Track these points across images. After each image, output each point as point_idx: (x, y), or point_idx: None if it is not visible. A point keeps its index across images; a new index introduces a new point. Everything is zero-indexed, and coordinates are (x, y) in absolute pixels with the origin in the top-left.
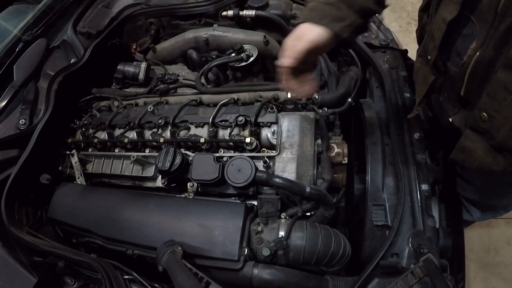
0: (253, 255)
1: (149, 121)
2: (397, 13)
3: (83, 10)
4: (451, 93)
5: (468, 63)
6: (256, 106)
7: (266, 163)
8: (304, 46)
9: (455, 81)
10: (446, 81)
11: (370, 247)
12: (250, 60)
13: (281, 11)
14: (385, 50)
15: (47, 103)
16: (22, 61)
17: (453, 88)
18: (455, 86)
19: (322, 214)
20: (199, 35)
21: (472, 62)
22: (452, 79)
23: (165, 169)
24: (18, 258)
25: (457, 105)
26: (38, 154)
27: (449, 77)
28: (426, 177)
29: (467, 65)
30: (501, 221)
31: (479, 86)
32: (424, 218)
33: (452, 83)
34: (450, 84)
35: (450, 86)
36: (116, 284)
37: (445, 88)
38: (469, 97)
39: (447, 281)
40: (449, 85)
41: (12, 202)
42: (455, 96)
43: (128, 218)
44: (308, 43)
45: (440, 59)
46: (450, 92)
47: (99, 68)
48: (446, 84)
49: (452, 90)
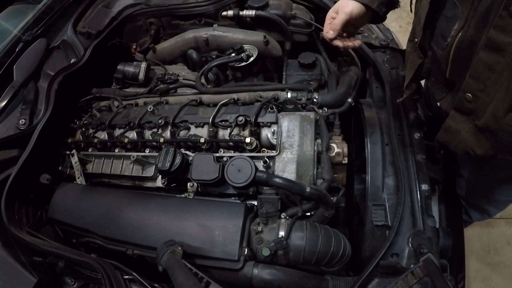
0: (253, 255)
1: (149, 121)
2: (397, 13)
3: (83, 10)
4: (438, 77)
5: (452, 44)
6: (256, 106)
7: (266, 163)
8: (342, 18)
9: (441, 64)
10: (433, 65)
11: (370, 247)
12: (250, 60)
13: (281, 11)
14: (385, 50)
15: (47, 103)
16: (22, 61)
17: (439, 71)
18: (441, 69)
19: (322, 214)
20: (199, 35)
21: (454, 43)
22: (438, 62)
23: (165, 169)
24: (18, 258)
25: (444, 89)
26: (38, 154)
27: (435, 61)
28: (426, 177)
29: (450, 46)
30: (501, 221)
31: (463, 68)
32: (424, 218)
33: (439, 67)
34: (437, 68)
35: (437, 69)
36: (116, 284)
37: (433, 73)
38: (454, 79)
39: (447, 281)
40: (435, 69)
41: (12, 202)
42: (441, 79)
43: (128, 218)
44: (344, 15)
45: (426, 41)
46: (437, 76)
47: (99, 68)
48: (433, 68)
49: (439, 73)
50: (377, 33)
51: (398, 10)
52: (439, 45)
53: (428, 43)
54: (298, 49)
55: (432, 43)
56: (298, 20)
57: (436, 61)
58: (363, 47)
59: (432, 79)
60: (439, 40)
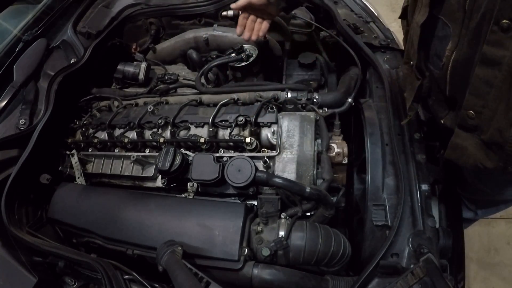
0: (253, 255)
1: (149, 121)
2: (397, 13)
3: (83, 10)
4: (438, 96)
5: (447, 63)
6: (256, 106)
7: (266, 163)
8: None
9: (440, 83)
10: (432, 85)
11: (370, 247)
12: (250, 60)
13: None
14: (385, 50)
15: (47, 103)
16: (22, 61)
17: (439, 90)
18: (440, 88)
19: (322, 214)
20: (199, 35)
21: (450, 63)
22: (436, 81)
23: (165, 169)
24: (18, 258)
25: (446, 106)
26: (38, 154)
27: (434, 80)
28: (426, 177)
29: (446, 66)
30: (501, 221)
31: (462, 85)
32: (424, 218)
33: (438, 86)
34: (436, 87)
35: (436, 88)
36: (116, 284)
37: (433, 92)
38: (455, 97)
39: (447, 281)
40: (435, 88)
41: (12, 202)
42: (442, 98)
43: (128, 218)
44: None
45: (422, 62)
46: (438, 95)
47: (99, 68)
48: (433, 87)
49: (439, 92)
50: (377, 33)
51: (398, 10)
52: (436, 65)
53: (424, 64)
54: (298, 49)
55: (428, 64)
56: (298, 20)
57: (435, 80)
58: (363, 47)
59: (433, 98)
60: (435, 60)
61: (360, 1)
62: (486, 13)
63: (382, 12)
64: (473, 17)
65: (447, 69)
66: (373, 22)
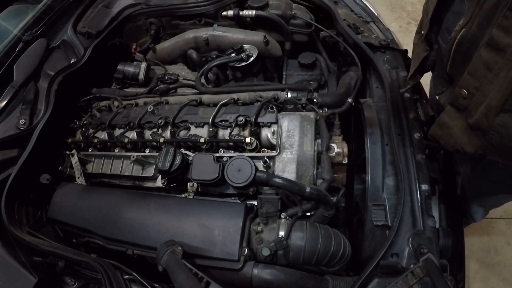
0: (253, 255)
1: (149, 121)
2: (397, 13)
3: (83, 10)
4: (440, 71)
5: (454, 39)
6: (256, 106)
7: (266, 163)
8: None
9: (443, 57)
10: (437, 59)
11: (370, 247)
12: (250, 60)
13: (281, 11)
14: (385, 50)
15: (47, 103)
16: (22, 61)
17: (442, 65)
18: (443, 63)
19: (322, 214)
20: (199, 35)
21: (457, 38)
22: (441, 55)
23: (165, 169)
24: (18, 258)
25: (445, 83)
26: (38, 154)
27: (439, 54)
28: (426, 177)
29: (452, 41)
30: (501, 221)
31: (462, 63)
32: (424, 218)
33: (442, 61)
34: (440, 61)
35: (440, 63)
36: (116, 284)
37: (436, 66)
38: (453, 74)
39: (447, 281)
40: (439, 62)
41: (12, 202)
42: (443, 73)
43: (128, 218)
44: None
45: (433, 34)
46: (440, 70)
47: (99, 68)
48: (438, 62)
49: (441, 67)
50: (377, 33)
51: (398, 10)
52: (444, 39)
53: (434, 37)
54: (298, 49)
55: (438, 36)
56: (298, 20)
57: (440, 54)
58: (363, 47)
59: (435, 73)
60: (445, 34)
61: (360, 1)
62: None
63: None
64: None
65: (453, 44)
66: (373, 22)
